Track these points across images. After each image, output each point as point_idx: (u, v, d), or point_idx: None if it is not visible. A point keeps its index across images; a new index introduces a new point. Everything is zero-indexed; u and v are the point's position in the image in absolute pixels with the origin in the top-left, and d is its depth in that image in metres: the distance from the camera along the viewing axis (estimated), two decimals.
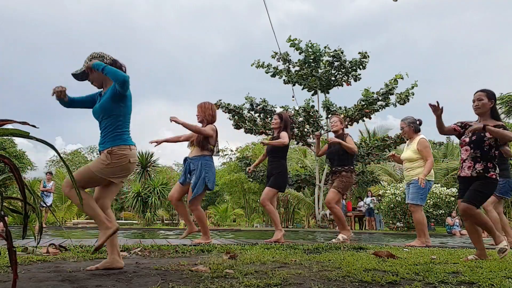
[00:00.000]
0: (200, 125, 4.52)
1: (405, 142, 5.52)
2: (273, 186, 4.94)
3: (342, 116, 5.45)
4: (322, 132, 12.92)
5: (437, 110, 3.22)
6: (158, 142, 4.56)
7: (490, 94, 3.30)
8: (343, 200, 16.00)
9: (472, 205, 3.16)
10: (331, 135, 5.68)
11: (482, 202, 3.27)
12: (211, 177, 4.37)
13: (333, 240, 4.91)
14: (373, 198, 15.31)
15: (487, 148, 3.21)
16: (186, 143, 4.69)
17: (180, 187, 4.49)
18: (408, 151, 5.30)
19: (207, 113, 4.51)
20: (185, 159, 4.55)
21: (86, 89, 2.72)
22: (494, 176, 3.22)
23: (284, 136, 4.96)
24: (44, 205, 10.07)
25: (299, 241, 5.35)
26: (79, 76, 2.63)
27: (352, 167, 5.06)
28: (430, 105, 3.20)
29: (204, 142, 4.40)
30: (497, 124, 3.19)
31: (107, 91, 2.55)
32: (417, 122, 5.28)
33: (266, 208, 4.95)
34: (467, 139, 3.31)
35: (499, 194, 5.11)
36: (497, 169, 3.27)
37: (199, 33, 65.85)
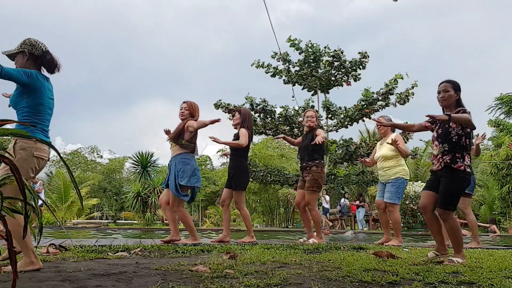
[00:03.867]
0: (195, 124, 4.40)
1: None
2: (239, 188, 4.85)
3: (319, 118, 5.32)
4: (323, 132, 12.90)
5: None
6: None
7: (456, 86, 3.15)
8: (346, 200, 16.03)
9: (444, 209, 2.99)
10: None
11: (454, 202, 3.04)
12: (185, 174, 4.23)
13: (301, 240, 5.03)
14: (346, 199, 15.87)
15: (455, 139, 3.05)
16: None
17: (168, 190, 4.38)
18: (383, 148, 5.28)
19: (191, 110, 4.50)
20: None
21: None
22: (462, 168, 3.00)
23: (243, 135, 4.83)
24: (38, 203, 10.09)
25: (299, 241, 5.34)
26: (10, 57, 2.64)
27: (322, 161, 5.00)
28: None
29: (178, 138, 4.36)
30: (458, 110, 3.08)
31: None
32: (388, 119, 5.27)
33: (242, 213, 4.89)
34: (436, 134, 3.20)
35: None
36: (466, 160, 3.02)
37: (199, 33, 65.91)
